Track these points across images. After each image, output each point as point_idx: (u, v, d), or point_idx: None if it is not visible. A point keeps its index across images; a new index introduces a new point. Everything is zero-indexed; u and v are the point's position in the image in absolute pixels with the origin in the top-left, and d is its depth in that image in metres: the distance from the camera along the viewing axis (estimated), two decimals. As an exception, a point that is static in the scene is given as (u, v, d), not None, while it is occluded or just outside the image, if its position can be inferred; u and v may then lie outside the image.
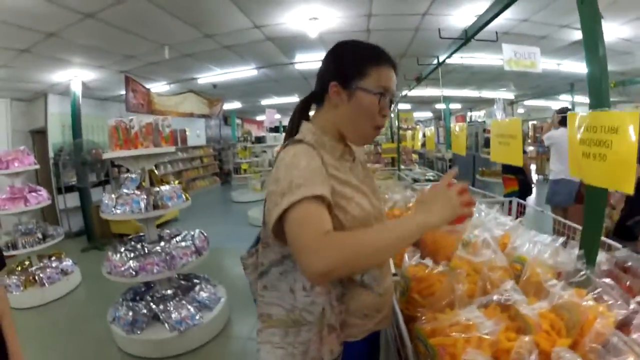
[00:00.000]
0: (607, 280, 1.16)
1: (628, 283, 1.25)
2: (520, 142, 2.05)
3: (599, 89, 1.25)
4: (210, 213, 9.80)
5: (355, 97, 1.14)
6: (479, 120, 13.97)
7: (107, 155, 3.69)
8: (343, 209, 1.09)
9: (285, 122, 19.12)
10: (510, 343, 0.96)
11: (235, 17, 4.41)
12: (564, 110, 5.26)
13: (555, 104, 13.00)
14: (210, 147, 15.44)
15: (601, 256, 1.42)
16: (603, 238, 1.89)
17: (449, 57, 3.22)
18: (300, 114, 1.28)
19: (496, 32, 3.08)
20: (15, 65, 5.40)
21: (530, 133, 13.25)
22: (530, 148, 11.16)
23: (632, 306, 1.07)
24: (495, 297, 1.10)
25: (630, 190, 1.10)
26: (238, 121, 17.25)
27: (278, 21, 4.72)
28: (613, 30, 5.00)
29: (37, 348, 3.61)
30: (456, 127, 3.49)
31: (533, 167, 10.87)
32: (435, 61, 3.63)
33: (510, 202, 3.13)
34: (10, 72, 5.68)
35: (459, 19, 4.67)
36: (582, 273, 1.20)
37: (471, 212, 1.03)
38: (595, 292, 1.13)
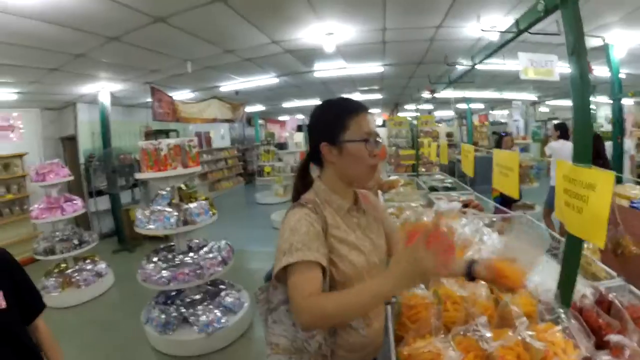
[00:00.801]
0: (574, 322, 1.30)
1: (600, 321, 1.37)
2: (516, 175, 2.17)
3: (583, 145, 1.35)
4: (234, 215, 10.02)
5: (345, 149, 1.28)
6: (502, 120, 13.82)
7: (139, 176, 3.97)
8: (336, 266, 1.27)
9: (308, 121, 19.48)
10: None
11: (253, 34, 4.57)
12: (561, 125, 5.94)
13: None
14: (235, 148, 15.68)
15: (585, 290, 1.53)
16: (600, 264, 2.03)
17: (480, 62, 3.20)
18: (300, 177, 1.48)
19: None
20: (46, 81, 5.74)
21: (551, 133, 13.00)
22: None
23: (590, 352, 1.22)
24: (468, 330, 1.28)
25: (601, 244, 1.25)
26: (261, 122, 17.49)
27: (294, 37, 4.87)
28: (634, 37, 5.01)
29: (76, 346, 3.94)
30: (466, 148, 3.62)
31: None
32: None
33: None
34: (40, 86, 6.03)
35: (473, 30, 4.75)
36: (555, 315, 1.37)
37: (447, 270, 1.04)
38: (564, 328, 1.29)
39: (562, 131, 5.97)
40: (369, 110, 1.37)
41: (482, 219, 2.73)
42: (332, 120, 1.31)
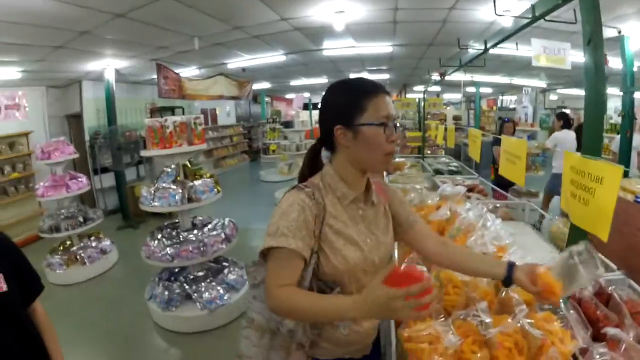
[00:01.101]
0: (572, 312, 1.31)
1: (599, 313, 1.39)
2: (523, 164, 2.15)
3: (594, 137, 1.34)
4: (239, 192, 10.04)
5: (361, 133, 1.18)
6: (511, 106, 13.67)
7: (145, 153, 3.97)
8: (327, 258, 1.21)
9: (315, 100, 19.05)
10: (472, 355, 1.17)
11: (262, 10, 4.50)
12: (563, 115, 6.02)
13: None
14: (240, 125, 15.66)
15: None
16: (602, 257, 2.02)
17: (493, 46, 3.17)
18: (309, 163, 1.38)
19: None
20: (50, 59, 5.69)
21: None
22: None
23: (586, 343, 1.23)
24: (468, 315, 1.30)
25: (605, 237, 1.24)
26: (267, 99, 17.40)
27: (304, 14, 4.79)
28: None
29: (80, 322, 4.02)
30: (473, 132, 3.60)
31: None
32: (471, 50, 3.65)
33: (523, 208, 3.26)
34: (45, 64, 5.98)
35: (486, 13, 4.67)
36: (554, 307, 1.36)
37: (419, 317, 1.03)
38: (563, 318, 1.30)
39: (565, 120, 5.99)
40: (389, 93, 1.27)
41: (486, 204, 2.73)
42: (348, 101, 1.21)
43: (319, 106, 1.30)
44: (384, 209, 1.40)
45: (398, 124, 1.28)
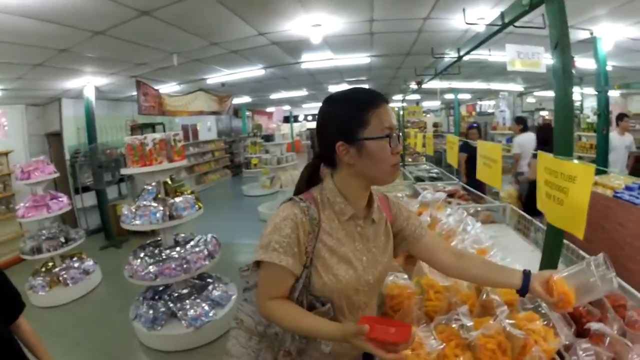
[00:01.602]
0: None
1: (581, 309, 1.40)
2: (499, 167, 2.19)
3: (565, 137, 1.37)
4: (221, 208, 10.01)
5: (365, 149, 1.13)
6: (488, 111, 13.91)
7: (125, 171, 3.93)
8: (319, 274, 1.19)
9: (295, 112, 19.01)
10: (455, 358, 1.18)
11: (240, 26, 4.52)
12: (521, 119, 6.39)
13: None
14: (222, 140, 15.59)
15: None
16: (584, 254, 2.06)
17: (466, 54, 3.24)
18: (308, 179, 1.32)
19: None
20: (30, 77, 5.63)
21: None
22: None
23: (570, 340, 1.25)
24: (450, 320, 1.31)
25: (580, 235, 1.26)
26: (248, 113, 17.39)
27: (281, 29, 4.82)
28: (621, 30, 5.08)
29: (65, 344, 3.91)
30: (450, 139, 3.65)
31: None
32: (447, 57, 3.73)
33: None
34: (25, 82, 5.91)
35: (460, 22, 4.75)
36: (536, 304, 1.38)
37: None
38: (545, 316, 1.31)
39: (525, 124, 6.28)
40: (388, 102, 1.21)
41: (466, 209, 2.77)
42: (348, 115, 1.15)
43: (316, 122, 1.24)
44: (385, 226, 1.35)
45: (401, 133, 1.26)
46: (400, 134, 1.23)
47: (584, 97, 10.55)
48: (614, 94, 7.22)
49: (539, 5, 1.49)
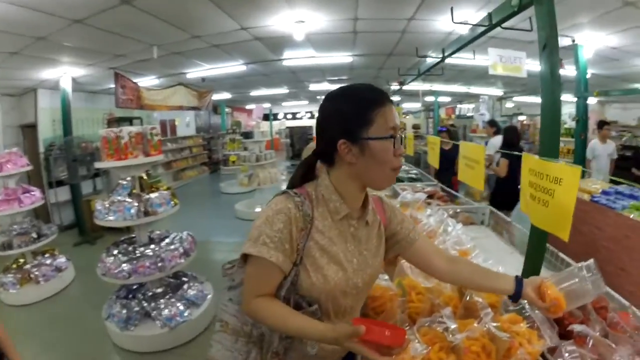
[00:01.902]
0: (537, 312, 1.31)
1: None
2: (482, 168, 2.18)
3: (551, 141, 1.36)
4: (198, 205, 9.86)
5: (368, 148, 1.10)
6: (468, 114, 14.10)
7: (99, 164, 3.79)
8: (307, 273, 1.14)
9: (275, 110, 18.91)
10: None
11: (222, 20, 4.46)
12: (494, 122, 6.57)
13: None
14: (200, 136, 15.44)
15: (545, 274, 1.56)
16: (563, 256, 2.08)
17: (451, 54, 3.23)
18: (302, 175, 1.26)
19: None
20: (5, 66, 5.45)
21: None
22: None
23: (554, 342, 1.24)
24: (434, 322, 1.27)
25: (565, 237, 1.25)
26: (227, 110, 17.23)
27: (264, 24, 4.77)
28: (602, 39, 5.20)
29: (36, 344, 3.77)
30: (431, 139, 3.65)
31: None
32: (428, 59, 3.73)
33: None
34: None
35: (444, 23, 4.77)
36: (519, 306, 1.37)
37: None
38: (528, 318, 1.30)
39: (498, 127, 6.43)
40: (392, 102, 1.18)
41: (446, 210, 2.77)
42: (353, 113, 1.11)
43: (317, 118, 1.20)
44: (379, 229, 1.31)
45: (404, 135, 1.22)
46: (403, 135, 1.17)
47: (562, 104, 10.79)
48: (591, 101, 7.39)
49: (528, 6, 1.48)
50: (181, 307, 3.73)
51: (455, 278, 1.35)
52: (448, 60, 3.98)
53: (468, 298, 1.37)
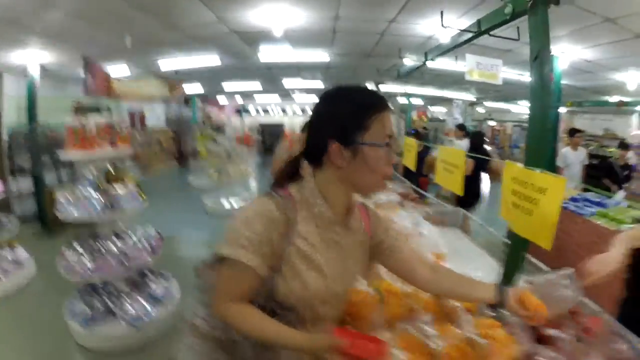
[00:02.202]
0: (514, 317, 1.31)
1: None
2: (462, 173, 2.19)
3: (538, 149, 1.36)
4: (166, 199, 9.55)
5: (361, 154, 1.06)
6: (440, 118, 14.32)
7: (63, 155, 3.59)
8: (285, 279, 1.09)
9: (247, 103, 18.66)
10: None
11: (199, 10, 4.36)
12: (463, 126, 6.98)
13: (514, 108, 13.53)
14: (170, 129, 15.14)
15: (523, 284, 1.57)
16: (535, 260, 2.10)
17: (433, 58, 3.24)
18: (289, 173, 1.20)
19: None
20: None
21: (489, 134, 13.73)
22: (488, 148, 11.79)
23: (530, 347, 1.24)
24: (413, 327, 1.25)
25: (548, 246, 1.26)
26: (199, 103, 16.93)
27: (242, 17, 4.69)
28: (577, 52, 5.34)
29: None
30: (408, 141, 3.66)
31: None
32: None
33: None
34: (-37, 54, 5.43)
35: (426, 27, 4.80)
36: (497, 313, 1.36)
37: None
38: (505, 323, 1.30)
39: (466, 131, 6.74)
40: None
41: (420, 212, 2.77)
42: (349, 116, 1.06)
43: (310, 117, 1.15)
44: (362, 237, 1.27)
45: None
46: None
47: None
48: (561, 110, 7.65)
49: (522, 15, 1.47)
50: (147, 306, 3.61)
51: (438, 287, 1.32)
52: (428, 64, 4.00)
53: (445, 302, 1.37)
